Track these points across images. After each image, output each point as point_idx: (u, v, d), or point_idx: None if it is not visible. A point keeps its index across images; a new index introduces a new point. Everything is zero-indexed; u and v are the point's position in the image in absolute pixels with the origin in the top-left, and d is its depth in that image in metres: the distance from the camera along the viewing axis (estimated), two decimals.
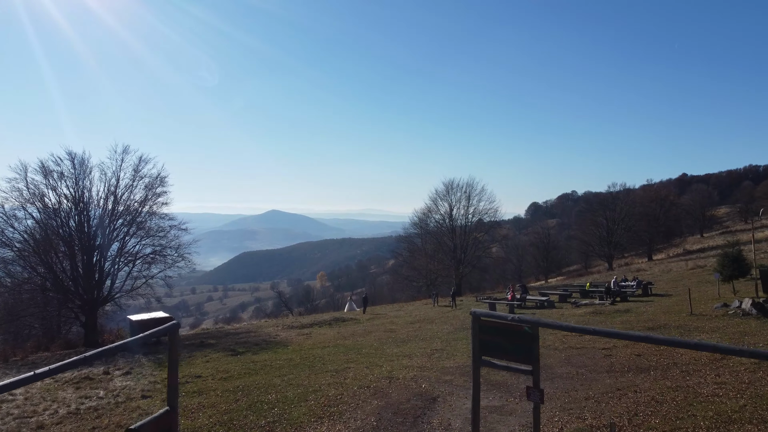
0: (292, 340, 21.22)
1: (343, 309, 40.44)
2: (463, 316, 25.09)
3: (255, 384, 12.46)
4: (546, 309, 25.96)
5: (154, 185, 33.60)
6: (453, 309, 29.60)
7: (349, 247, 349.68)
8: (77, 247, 31.84)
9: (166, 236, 35.04)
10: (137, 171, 32.79)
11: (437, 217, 51.70)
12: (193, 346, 22.10)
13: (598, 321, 20.12)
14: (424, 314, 28.01)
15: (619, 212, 64.92)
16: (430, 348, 16.14)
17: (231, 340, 22.81)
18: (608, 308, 23.21)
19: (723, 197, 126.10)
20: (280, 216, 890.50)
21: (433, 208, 51.82)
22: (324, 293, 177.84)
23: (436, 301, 33.84)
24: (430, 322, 23.66)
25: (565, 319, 21.30)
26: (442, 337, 18.33)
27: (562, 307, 26.46)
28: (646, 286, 28.06)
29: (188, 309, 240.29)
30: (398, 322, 25.05)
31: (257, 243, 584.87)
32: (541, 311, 25.38)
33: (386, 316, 28.89)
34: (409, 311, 31.48)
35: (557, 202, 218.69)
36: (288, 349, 18.43)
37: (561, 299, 28.65)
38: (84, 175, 31.96)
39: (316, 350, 17.38)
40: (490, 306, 25.96)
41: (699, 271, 40.48)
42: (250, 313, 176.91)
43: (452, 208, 50.24)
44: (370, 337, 20.02)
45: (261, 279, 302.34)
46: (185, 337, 28.23)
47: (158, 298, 36.20)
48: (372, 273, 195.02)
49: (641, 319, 19.54)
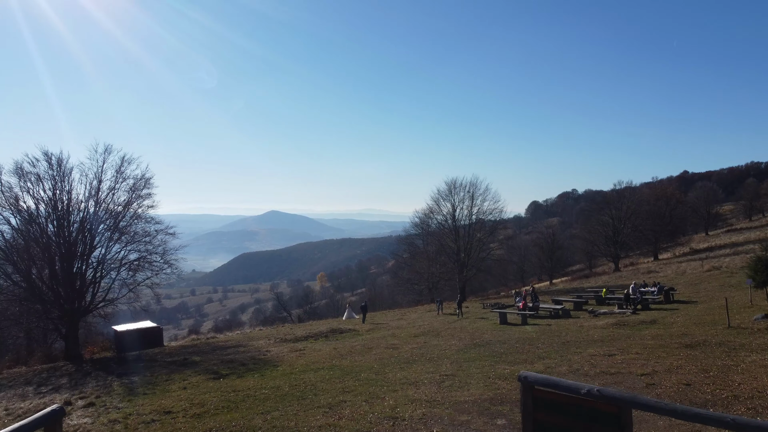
0: (283, 357, 19.12)
1: (342, 313, 38.51)
2: (472, 328, 23.01)
3: (231, 426, 10.35)
4: (561, 318, 23.85)
5: (138, 187, 31.52)
6: (459, 318, 27.51)
7: (348, 247, 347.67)
8: (56, 254, 29.82)
9: (152, 241, 33.03)
10: (120, 172, 30.71)
11: (439, 218, 49.59)
12: (175, 364, 20.02)
13: (624, 335, 18.02)
14: (428, 325, 25.89)
15: (626, 210, 62.54)
16: (438, 372, 14.03)
17: (217, 357, 20.72)
18: (631, 318, 21.12)
19: (726, 195, 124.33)
20: (280, 216, 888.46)
21: (435, 208, 49.63)
22: (324, 294, 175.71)
23: (441, 309, 31.74)
24: (436, 335, 21.56)
25: (585, 332, 19.22)
26: (452, 357, 16.23)
27: (578, 317, 24.35)
28: (668, 292, 25.97)
29: (188, 311, 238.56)
30: (401, 335, 22.94)
31: (257, 244, 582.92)
32: (556, 321, 23.27)
33: (387, 327, 26.80)
34: (412, 320, 29.37)
35: (558, 201, 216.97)
36: (277, 371, 16.32)
37: (576, 307, 26.55)
38: (62, 177, 29.88)
39: (309, 374, 15.27)
40: (500, 316, 23.84)
41: (717, 273, 38.38)
42: (249, 314, 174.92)
43: (455, 208, 48.01)
44: (369, 355, 17.91)
45: (261, 280, 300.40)
46: (171, 351, 26.19)
47: (145, 307, 34.14)
48: (372, 273, 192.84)
49: (673, 333, 17.44)
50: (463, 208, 47.49)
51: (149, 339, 32.09)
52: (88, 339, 35.50)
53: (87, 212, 30.43)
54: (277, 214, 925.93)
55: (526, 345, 17.17)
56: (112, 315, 36.88)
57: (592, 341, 17.10)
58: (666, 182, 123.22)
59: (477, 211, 47.72)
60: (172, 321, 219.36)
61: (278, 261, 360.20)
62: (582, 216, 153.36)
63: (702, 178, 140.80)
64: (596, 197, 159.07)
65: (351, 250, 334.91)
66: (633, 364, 13.41)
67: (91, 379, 18.76)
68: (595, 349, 15.55)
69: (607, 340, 17.03)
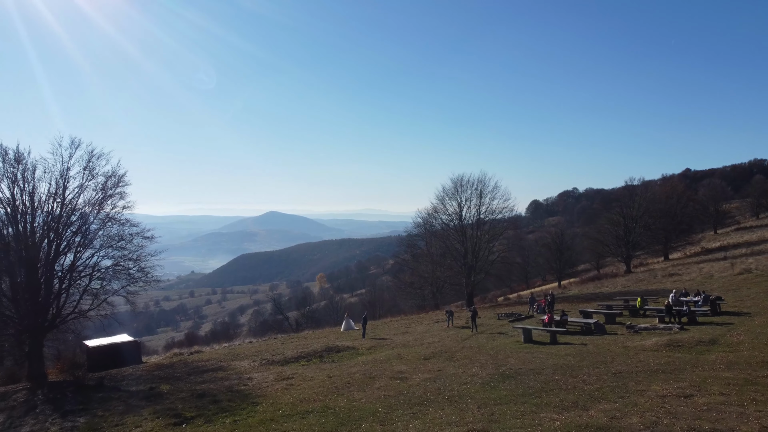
0: (266, 390, 15.64)
1: (341, 320, 35.37)
2: (492, 348, 19.51)
3: None
4: (596, 336, 20.36)
5: (110, 185, 28.06)
6: (474, 333, 24.01)
7: (348, 247, 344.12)
8: (16, 262, 26.44)
9: (126, 246, 29.55)
10: (89, 169, 27.26)
11: (444, 218, 45.91)
12: (138, 396, 16.57)
13: (686, 361, 14.55)
14: (439, 342, 22.37)
15: (637, 209, 59.06)
16: (464, 423, 10.56)
17: (189, 387, 17.24)
18: (684, 337, 17.64)
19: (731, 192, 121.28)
20: (279, 217, 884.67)
21: (440, 207, 45.49)
22: (323, 295, 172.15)
23: (451, 321, 28.30)
24: (451, 358, 18.07)
25: (634, 356, 15.74)
26: (477, 395, 12.76)
27: (615, 332, 20.84)
28: (715, 302, 22.49)
29: (187, 312, 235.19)
30: (408, 356, 19.44)
31: (256, 244, 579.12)
32: (591, 339, 19.77)
33: (391, 344, 23.29)
34: (419, 334, 25.82)
35: (558, 200, 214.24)
36: (255, 415, 12.83)
37: (608, 319, 23.04)
38: (23, 175, 26.48)
39: (294, 422, 11.80)
40: (524, 333, 20.34)
41: (751, 277, 34.90)
42: (248, 316, 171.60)
43: (462, 207, 43.68)
44: (371, 389, 14.43)
45: (260, 281, 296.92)
46: (144, 372, 22.77)
47: (120, 319, 30.71)
48: (372, 274, 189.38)
49: (750, 360, 13.96)
50: (470, 207, 43.89)
51: (124, 355, 28.60)
52: (64, 353, 31.95)
53: (53, 214, 27.07)
54: (276, 214, 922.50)
55: (567, 376, 13.73)
56: (85, 328, 33.47)
57: (650, 371, 13.65)
58: (668, 180, 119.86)
59: (485, 210, 44.06)
60: (170, 323, 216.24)
61: (277, 262, 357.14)
62: (584, 215, 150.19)
63: (705, 176, 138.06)
64: (598, 196, 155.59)
65: (350, 250, 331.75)
66: (725, 412, 9.97)
67: (31, 417, 15.33)
68: (661, 385, 12.11)
69: (669, 371, 13.59)
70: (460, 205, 44.40)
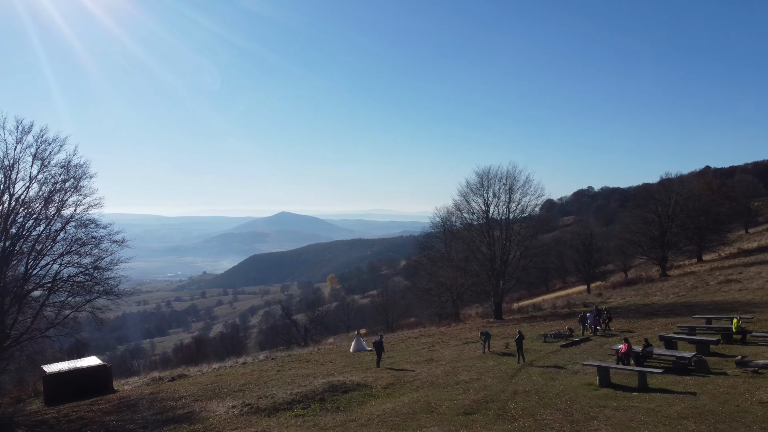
0: None
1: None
2: (559, 395, 14.03)
3: None
4: (699, 376, 14.78)
5: (67, 178, 23.26)
6: (522, 365, 18.58)
7: (359, 247, 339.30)
8: None
9: (93, 252, 24.77)
10: (39, 156, 22.44)
11: (468, 217, 40.26)
12: None
13: None
14: (478, 380, 16.82)
15: (673, 207, 53.48)
16: None
17: None
18: None
19: None
20: (290, 218, 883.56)
21: (462, 205, 40.05)
22: (334, 296, 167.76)
23: (488, 346, 22.96)
24: (504, 416, 12.64)
25: None
26: None
27: (724, 372, 15.14)
28: None
29: (198, 313, 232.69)
30: (440, 405, 14.06)
31: (267, 245, 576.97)
32: (695, 383, 14.23)
33: (414, 380, 17.86)
34: (449, 364, 20.24)
35: (573, 199, 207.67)
36: None
37: (699, 348, 17.42)
38: None
39: None
40: (599, 374, 14.78)
41: None
42: (259, 317, 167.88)
43: (489, 204, 38.35)
44: None
45: (271, 282, 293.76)
46: (104, 409, 17.86)
47: (84, 338, 25.89)
48: (383, 274, 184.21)
49: None
50: (499, 205, 38.20)
51: (91, 383, 23.46)
52: (19, 383, 27.08)
53: None
54: (287, 215, 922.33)
55: None
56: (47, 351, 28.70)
57: None
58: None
59: (516, 207, 38.36)
60: (182, 324, 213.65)
61: (288, 262, 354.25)
62: (601, 214, 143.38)
63: (726, 174, 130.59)
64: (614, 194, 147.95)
65: (361, 250, 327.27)
66: None
67: None
68: None
69: None
70: (486, 203, 38.73)
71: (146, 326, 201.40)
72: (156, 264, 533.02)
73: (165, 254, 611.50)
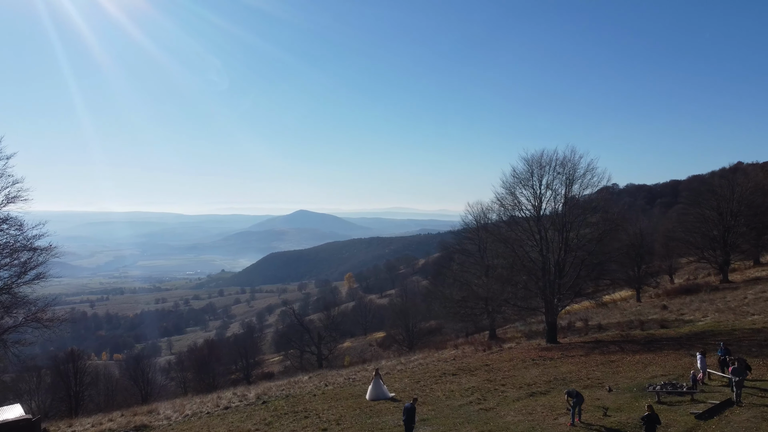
0: None
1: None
2: None
3: None
4: None
5: None
6: None
7: (377, 246, 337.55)
8: None
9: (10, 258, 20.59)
10: None
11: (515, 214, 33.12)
12: None
13: None
14: None
15: (737, 202, 46.39)
16: None
17: None
18: None
19: None
20: (308, 216, 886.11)
21: (506, 200, 32.82)
22: (352, 295, 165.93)
23: (577, 414, 15.83)
24: None
25: None
26: None
27: None
28: None
29: (216, 312, 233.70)
30: None
31: (285, 243, 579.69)
32: None
33: None
34: None
35: (597, 196, 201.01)
36: None
37: None
38: None
39: None
40: None
41: None
42: (275, 316, 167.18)
43: (541, 198, 31.37)
44: None
45: (289, 280, 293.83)
46: None
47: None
48: (401, 273, 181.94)
49: None
50: (554, 199, 31.33)
51: None
52: None
53: None
54: (306, 213, 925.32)
55: None
56: None
57: None
58: (717, 174, 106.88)
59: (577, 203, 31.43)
60: (199, 323, 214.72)
61: (306, 260, 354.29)
62: (630, 211, 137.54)
63: (762, 168, 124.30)
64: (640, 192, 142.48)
65: (379, 249, 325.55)
66: None
67: None
68: None
69: None
70: (537, 196, 31.82)
71: (164, 324, 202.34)
72: (175, 262, 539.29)
73: (184, 252, 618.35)
